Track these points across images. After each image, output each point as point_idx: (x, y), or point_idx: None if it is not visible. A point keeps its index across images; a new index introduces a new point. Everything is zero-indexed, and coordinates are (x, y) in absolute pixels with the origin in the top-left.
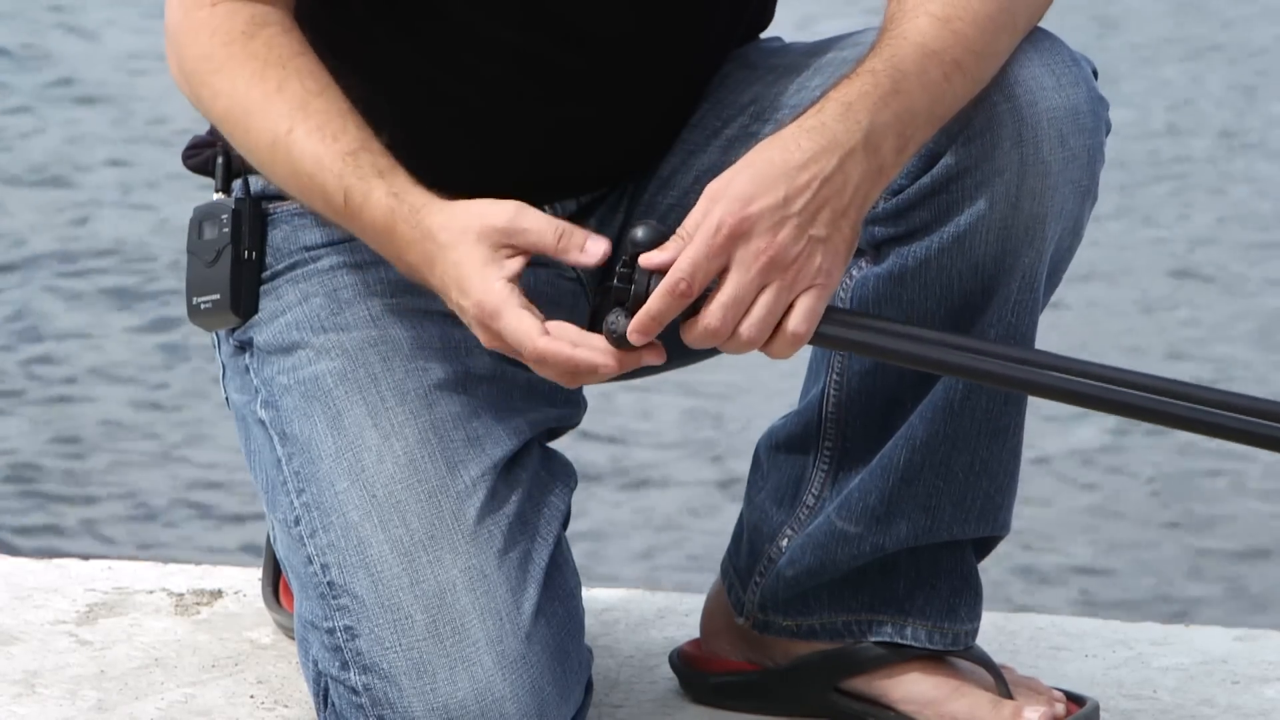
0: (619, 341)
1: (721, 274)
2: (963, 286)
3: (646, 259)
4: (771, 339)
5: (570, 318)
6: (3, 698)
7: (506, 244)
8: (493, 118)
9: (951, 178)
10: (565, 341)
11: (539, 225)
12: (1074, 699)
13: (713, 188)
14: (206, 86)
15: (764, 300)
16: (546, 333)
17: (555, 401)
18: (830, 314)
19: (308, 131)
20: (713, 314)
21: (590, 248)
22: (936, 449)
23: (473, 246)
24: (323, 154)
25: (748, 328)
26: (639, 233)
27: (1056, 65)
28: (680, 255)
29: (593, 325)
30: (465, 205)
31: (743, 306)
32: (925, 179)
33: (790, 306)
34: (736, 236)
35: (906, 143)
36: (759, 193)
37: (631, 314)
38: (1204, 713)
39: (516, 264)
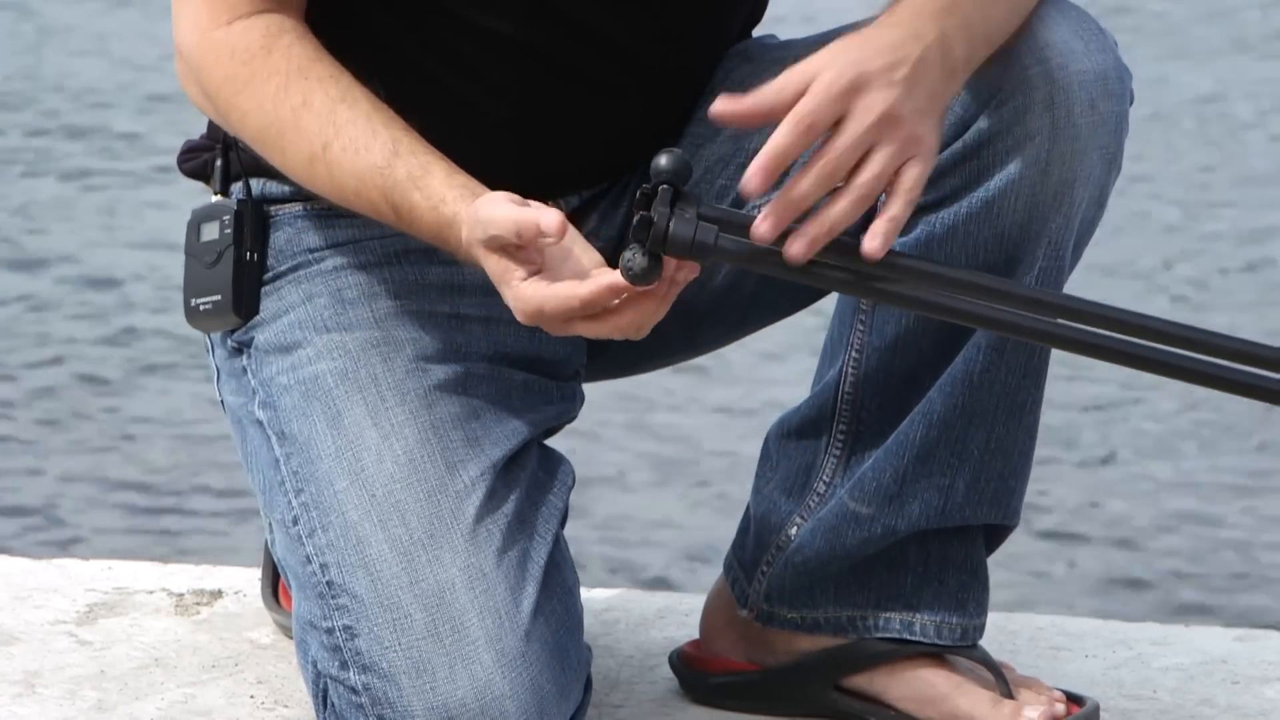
0: (635, 279)
1: (834, 126)
2: (989, 255)
3: (727, 108)
4: (888, 202)
5: None
6: (3, 698)
7: (503, 246)
8: (493, 113)
9: (983, 143)
10: (601, 278)
11: (500, 229)
12: (1074, 699)
13: (807, 62)
14: (235, 109)
15: (879, 155)
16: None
17: (553, 399)
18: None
19: (342, 148)
20: (830, 156)
21: (546, 224)
22: (953, 423)
23: (486, 258)
24: (361, 170)
25: (866, 177)
26: (663, 160)
27: (1084, 31)
28: (803, 98)
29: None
30: (474, 213)
31: (858, 152)
32: (957, 145)
33: (899, 170)
34: (856, 89)
35: (972, 53)
36: (867, 57)
37: (650, 251)
38: (1204, 713)
39: (528, 264)
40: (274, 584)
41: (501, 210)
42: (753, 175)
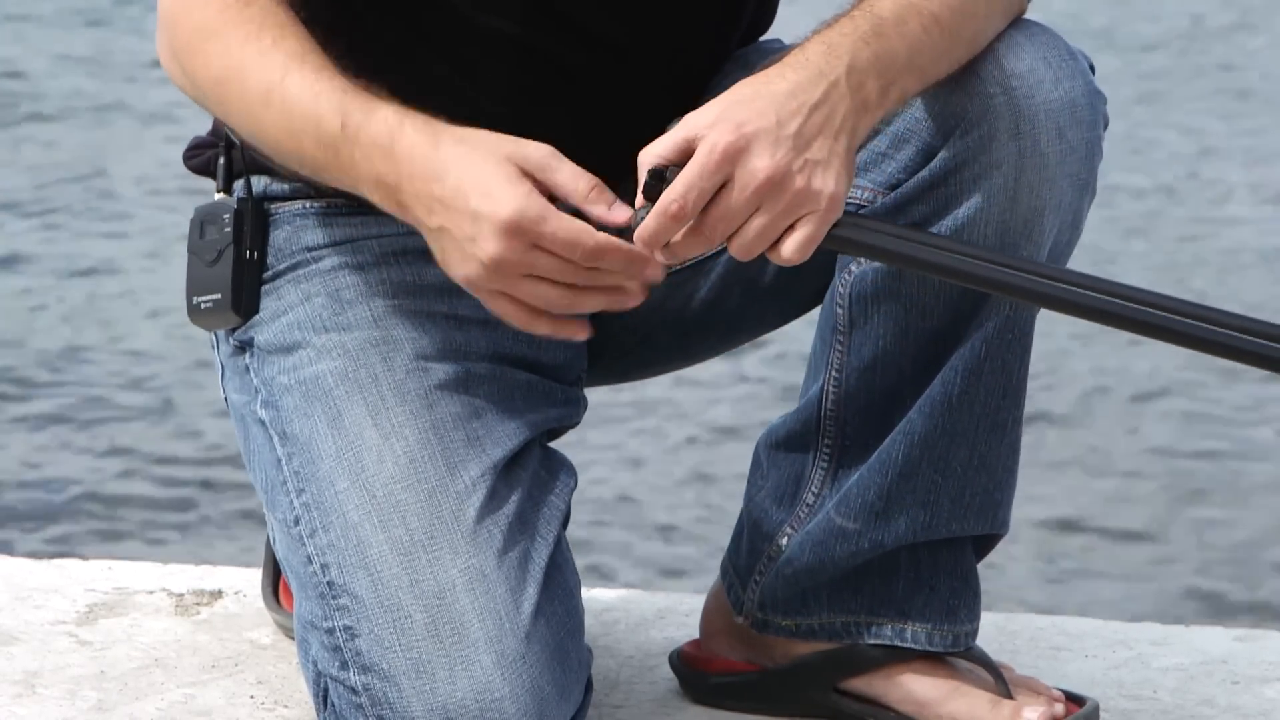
0: None
1: (722, 188)
2: None
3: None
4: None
5: None
6: (3, 698)
7: (532, 177)
8: (492, 112)
9: (950, 171)
10: (620, 240)
11: (571, 172)
12: (1074, 699)
13: (694, 116)
14: (200, 54)
15: (756, 224)
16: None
17: (555, 401)
18: (845, 220)
19: (303, 75)
20: (706, 226)
21: (616, 211)
22: (935, 444)
23: (500, 163)
24: (320, 89)
25: (737, 249)
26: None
27: (1053, 58)
28: (676, 178)
29: None
30: (494, 133)
31: (734, 223)
32: (924, 173)
33: (791, 228)
34: (733, 155)
35: (889, 85)
36: (750, 117)
37: None
38: (1204, 713)
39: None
40: (275, 584)
41: (572, 164)
42: (636, 242)
